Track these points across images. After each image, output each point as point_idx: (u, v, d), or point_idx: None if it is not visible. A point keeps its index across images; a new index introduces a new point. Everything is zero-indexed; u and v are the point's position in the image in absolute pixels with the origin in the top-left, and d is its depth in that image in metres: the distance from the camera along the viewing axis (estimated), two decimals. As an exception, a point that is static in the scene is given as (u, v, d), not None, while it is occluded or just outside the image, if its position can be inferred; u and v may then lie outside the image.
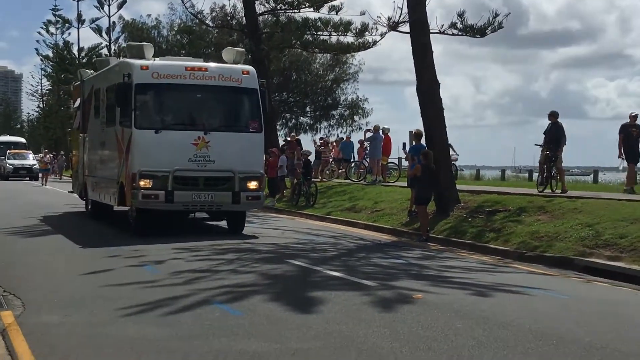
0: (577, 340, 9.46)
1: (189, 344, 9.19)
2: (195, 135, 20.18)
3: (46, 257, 16.85)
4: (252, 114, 21.43)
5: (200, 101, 21.55)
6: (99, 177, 24.46)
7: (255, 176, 20.80)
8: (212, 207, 20.61)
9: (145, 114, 20.53)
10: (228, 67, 21.45)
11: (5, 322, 10.45)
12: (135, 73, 20.16)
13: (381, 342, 9.29)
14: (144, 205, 19.87)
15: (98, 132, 24.55)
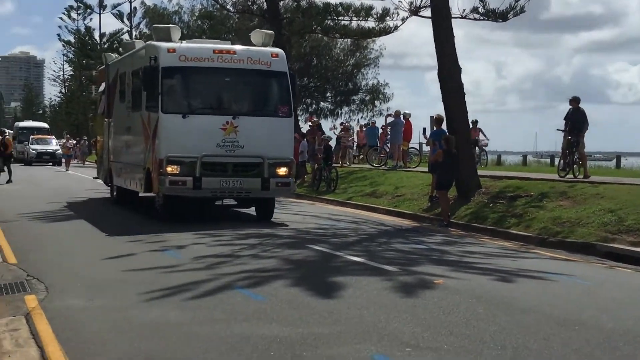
0: (599, 327, 9.43)
1: (211, 329, 9.22)
2: (223, 120, 19.52)
3: (69, 242, 16.96)
4: (282, 98, 20.73)
5: (229, 85, 20.81)
6: (125, 163, 23.81)
7: (285, 162, 20.20)
8: (240, 193, 20.07)
9: (172, 98, 19.86)
10: (257, 49, 20.75)
11: (29, 306, 10.53)
12: (162, 56, 19.48)
13: (402, 327, 9.30)
14: (171, 191, 19.34)
15: (123, 117, 23.96)
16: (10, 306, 10.66)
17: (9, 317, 10.03)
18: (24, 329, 9.41)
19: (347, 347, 8.42)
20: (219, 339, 8.72)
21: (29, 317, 9.91)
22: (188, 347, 8.44)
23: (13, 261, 14.22)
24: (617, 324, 9.55)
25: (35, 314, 10.06)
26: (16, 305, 10.66)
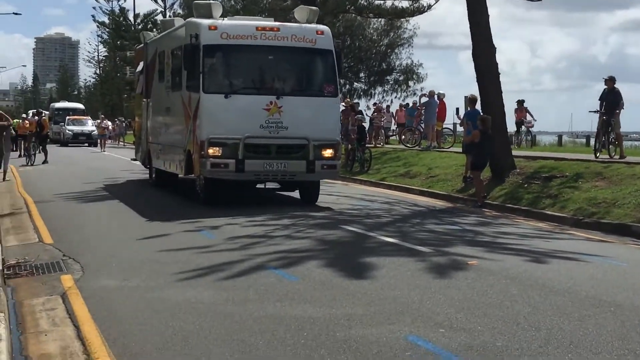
0: (635, 308, 9.37)
1: (244, 308, 9.26)
2: (267, 100, 18.60)
3: (104, 222, 17.08)
4: (327, 77, 19.71)
5: (272, 63, 19.89)
6: (164, 145, 23.00)
7: (331, 143, 19.23)
8: (285, 176, 19.18)
9: (213, 77, 19.01)
10: (301, 26, 19.69)
11: (65, 285, 10.63)
12: (203, 33, 18.58)
13: (436, 308, 9.29)
14: (213, 174, 18.51)
15: (162, 97, 23.09)
16: (47, 286, 10.78)
17: (46, 297, 10.14)
18: (60, 309, 9.51)
19: (381, 327, 8.42)
20: (252, 320, 8.76)
21: (65, 297, 10.01)
22: (222, 327, 8.48)
23: (49, 241, 14.36)
24: (652, 306, 9.49)
25: (71, 293, 10.17)
26: (52, 285, 10.78)
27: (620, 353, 7.54)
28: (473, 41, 23.53)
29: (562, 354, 7.50)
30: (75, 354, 7.70)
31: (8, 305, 9.45)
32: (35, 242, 14.51)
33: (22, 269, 11.93)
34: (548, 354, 7.49)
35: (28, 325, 8.95)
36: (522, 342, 7.90)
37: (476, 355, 7.44)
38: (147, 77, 25.37)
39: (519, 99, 34.38)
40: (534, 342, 7.89)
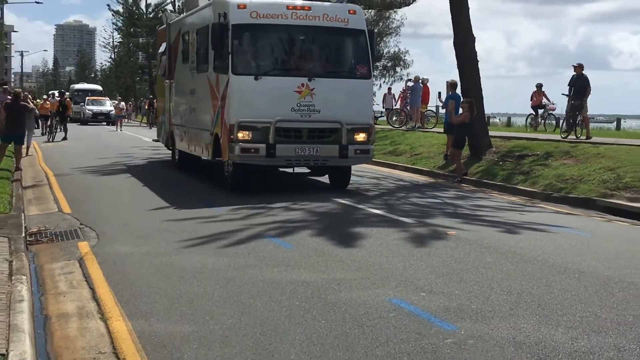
0: (596, 275, 9.42)
1: (245, 273, 9.30)
2: (298, 81, 16.32)
3: (118, 194, 17.08)
4: (360, 58, 17.41)
5: (303, 44, 17.36)
6: (189, 127, 20.69)
7: (364, 127, 16.98)
8: (317, 161, 16.78)
9: (243, 58, 16.65)
10: (333, 5, 17.59)
11: (82, 251, 10.67)
12: (232, 12, 16.27)
13: (417, 273, 9.33)
14: (242, 159, 16.26)
15: (186, 78, 20.82)
16: (65, 251, 10.81)
17: (64, 262, 10.18)
18: (77, 272, 9.55)
19: (367, 291, 8.47)
20: (251, 283, 8.80)
21: (82, 262, 10.05)
22: (224, 290, 8.52)
23: (67, 211, 14.37)
24: (613, 273, 9.53)
25: (87, 258, 10.20)
26: (70, 251, 10.81)
27: (582, 315, 7.59)
28: (454, 31, 23.51)
29: (531, 315, 7.55)
30: (91, 314, 7.74)
31: (30, 268, 9.49)
32: (55, 211, 14.52)
33: (42, 236, 11.97)
34: (518, 315, 7.54)
35: (48, 287, 8.99)
36: (494, 304, 7.95)
37: (453, 316, 7.49)
38: (169, 59, 23.09)
39: (538, 83, 32.88)
40: (505, 305, 7.94)
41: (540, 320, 7.38)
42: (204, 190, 17.79)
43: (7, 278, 8.48)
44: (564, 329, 7.13)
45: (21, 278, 8.44)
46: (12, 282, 8.27)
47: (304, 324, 7.22)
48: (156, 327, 7.16)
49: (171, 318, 7.48)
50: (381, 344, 6.65)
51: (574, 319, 7.44)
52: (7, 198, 14.68)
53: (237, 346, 6.62)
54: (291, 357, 6.34)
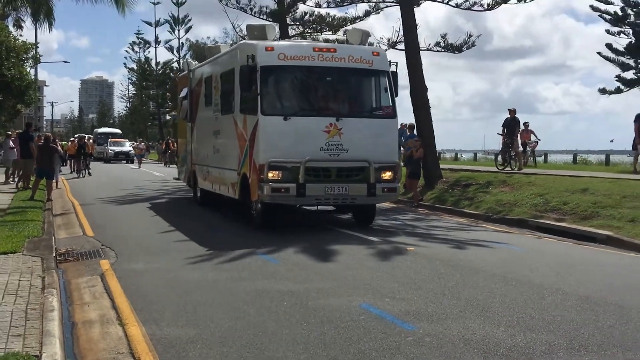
0: (530, 283, 9.45)
1: (239, 285, 9.25)
2: (326, 121, 14.17)
3: (133, 220, 16.98)
4: (385, 98, 15.22)
5: (331, 84, 15.27)
6: (213, 167, 18.14)
7: (390, 166, 14.70)
8: (346, 200, 14.47)
9: (271, 99, 14.48)
10: (358, 47, 15.50)
11: (103, 268, 10.59)
12: (260, 54, 14.20)
13: (382, 283, 9.32)
14: (273, 199, 13.93)
15: (210, 120, 18.34)
16: (89, 268, 10.72)
17: (88, 277, 10.09)
18: (99, 285, 9.47)
19: (342, 298, 8.45)
20: (245, 292, 8.76)
21: (103, 277, 9.97)
22: (222, 298, 8.48)
23: (91, 234, 14.27)
24: (543, 281, 9.57)
25: (107, 274, 10.12)
26: (93, 268, 10.72)
27: (519, 316, 7.61)
28: (410, 83, 23.69)
29: (476, 317, 7.56)
30: (111, 320, 7.68)
31: (59, 283, 9.40)
32: (80, 235, 14.41)
33: (70, 255, 11.87)
34: (466, 317, 7.55)
35: (74, 298, 8.91)
36: (446, 308, 7.95)
37: (412, 318, 7.48)
38: (191, 102, 20.90)
39: (525, 122, 29.57)
40: (455, 308, 7.94)
41: (484, 321, 7.39)
42: (206, 217, 17.69)
43: (40, 291, 8.41)
44: (504, 327, 7.14)
45: (52, 291, 8.38)
46: (45, 294, 8.21)
47: (289, 326, 7.19)
48: (166, 331, 7.11)
49: (178, 323, 7.43)
50: (353, 342, 6.63)
51: (512, 319, 7.46)
52: (40, 224, 14.57)
53: (233, 346, 6.58)
54: (279, 354, 6.31)
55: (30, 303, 7.78)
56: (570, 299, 8.41)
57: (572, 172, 22.19)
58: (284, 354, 6.31)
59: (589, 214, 15.64)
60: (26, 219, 15.01)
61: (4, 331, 6.64)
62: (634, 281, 9.62)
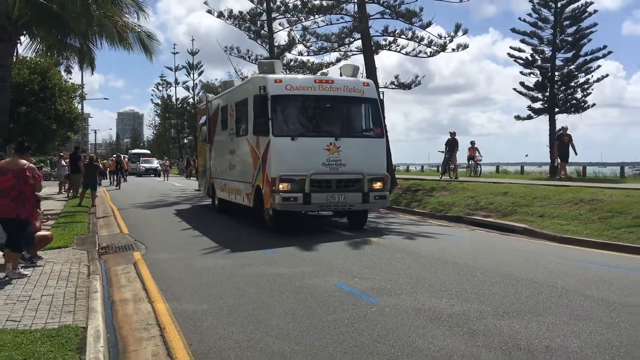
0: (466, 264, 9.49)
1: (242, 269, 9.20)
2: (327, 141, 13.55)
3: (159, 220, 16.84)
4: (375, 121, 14.48)
5: (329, 110, 14.50)
6: (229, 180, 17.17)
7: (381, 177, 13.90)
8: (344, 207, 13.59)
9: (281, 122, 13.66)
10: (350, 79, 14.75)
11: (136, 258, 10.50)
12: (270, 85, 13.61)
13: (353, 267, 9.31)
14: (283, 207, 13.15)
15: (226, 141, 17.50)
16: (124, 258, 10.62)
17: (124, 265, 10.00)
18: (133, 272, 9.38)
19: (321, 279, 8.43)
20: (247, 275, 8.71)
21: (136, 265, 9.88)
22: (229, 280, 8.42)
23: (126, 232, 14.15)
24: (475, 262, 9.61)
25: (139, 263, 10.03)
26: (128, 258, 10.62)
27: (457, 290, 7.63)
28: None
29: (424, 291, 7.56)
30: (142, 298, 7.60)
31: (101, 270, 9.31)
32: (118, 233, 14.27)
33: (110, 249, 11.76)
34: (416, 292, 7.55)
35: (113, 282, 8.82)
36: (402, 285, 7.96)
37: (375, 293, 7.48)
38: (209, 127, 19.85)
39: (472, 140, 29.67)
40: (408, 285, 7.95)
41: (430, 295, 7.40)
42: (219, 220, 17.59)
43: (86, 277, 8.32)
44: (446, 299, 7.15)
45: (95, 277, 8.30)
46: (90, 279, 8.12)
47: (280, 301, 7.15)
48: (185, 306, 7.05)
49: (194, 300, 7.36)
50: (330, 312, 6.61)
51: (452, 293, 7.48)
52: (86, 225, 14.43)
53: (237, 317, 6.53)
54: (273, 323, 6.27)
55: (78, 286, 7.69)
56: (496, 276, 8.46)
57: (495, 180, 22.36)
58: (277, 323, 6.27)
59: (509, 211, 15.75)
60: (75, 221, 14.86)
61: (58, 308, 6.56)
62: (543, 262, 9.68)
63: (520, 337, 5.65)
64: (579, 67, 29.07)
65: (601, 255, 10.75)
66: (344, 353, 5.30)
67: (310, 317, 6.44)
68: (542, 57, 29.78)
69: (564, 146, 22.29)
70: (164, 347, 5.70)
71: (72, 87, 46.67)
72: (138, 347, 5.79)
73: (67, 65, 31.49)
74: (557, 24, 29.28)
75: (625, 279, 8.35)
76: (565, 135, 22.36)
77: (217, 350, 5.50)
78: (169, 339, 5.89)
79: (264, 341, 5.67)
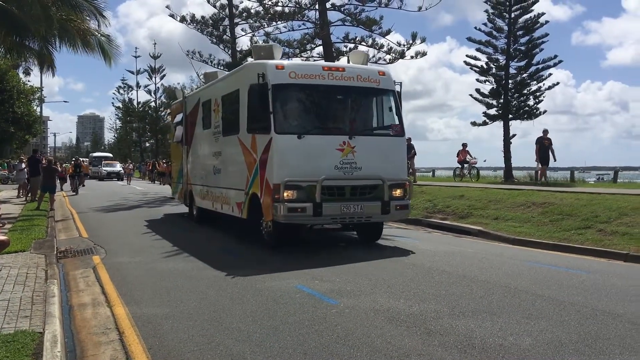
0: (423, 265, 9.57)
1: (203, 273, 9.09)
2: (339, 140, 11.01)
3: (119, 223, 16.51)
4: (393, 117, 12.02)
5: (341, 103, 12.00)
6: (213, 187, 14.56)
7: (401, 183, 11.59)
8: (361, 218, 11.14)
9: (284, 117, 11.05)
10: (365, 67, 12.20)
11: (95, 262, 10.27)
12: (271, 73, 10.97)
13: (312, 269, 9.27)
14: (289, 219, 10.62)
15: (208, 142, 14.91)
16: (83, 262, 10.37)
17: (83, 269, 9.77)
18: (92, 276, 9.17)
19: (282, 281, 8.39)
20: (207, 278, 8.62)
21: (95, 269, 9.66)
22: (190, 283, 8.31)
23: (85, 236, 13.83)
24: (432, 264, 9.70)
25: (98, 267, 9.82)
26: (87, 262, 10.38)
27: (415, 291, 7.69)
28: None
29: (383, 293, 7.60)
30: (101, 303, 7.44)
31: (59, 274, 9.08)
32: (77, 236, 13.94)
33: (68, 253, 11.47)
34: (375, 293, 7.58)
35: (71, 286, 8.60)
36: (361, 286, 7.98)
37: (335, 295, 7.48)
38: (186, 126, 17.12)
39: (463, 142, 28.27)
40: (367, 287, 7.97)
41: (389, 296, 7.45)
42: (180, 223, 17.36)
43: (43, 281, 8.10)
44: (404, 300, 7.21)
45: (53, 281, 8.08)
46: (47, 284, 7.90)
47: (241, 304, 7.09)
48: (145, 310, 6.92)
49: (154, 304, 7.24)
50: (291, 314, 6.59)
51: (410, 294, 7.54)
52: (44, 228, 14.06)
53: (198, 320, 6.45)
54: (233, 326, 6.21)
55: (35, 291, 7.47)
56: (452, 277, 8.57)
57: (452, 184, 22.68)
58: (237, 325, 6.21)
59: (465, 214, 16.00)
60: (33, 225, 14.47)
61: (15, 313, 6.37)
62: (497, 263, 9.86)
63: (475, 336, 5.73)
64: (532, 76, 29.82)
65: (552, 256, 11.02)
66: (304, 354, 5.28)
67: (271, 319, 6.40)
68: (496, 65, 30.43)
69: (544, 149, 21.96)
70: (123, 351, 5.59)
71: (31, 90, 45.49)
72: (96, 352, 5.66)
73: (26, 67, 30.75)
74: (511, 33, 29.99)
75: (574, 279, 8.57)
76: (546, 138, 22.06)
77: (177, 353, 5.42)
78: (128, 343, 5.78)
79: (225, 344, 5.62)
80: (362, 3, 25.06)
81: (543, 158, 22.06)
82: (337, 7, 25.74)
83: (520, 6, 29.74)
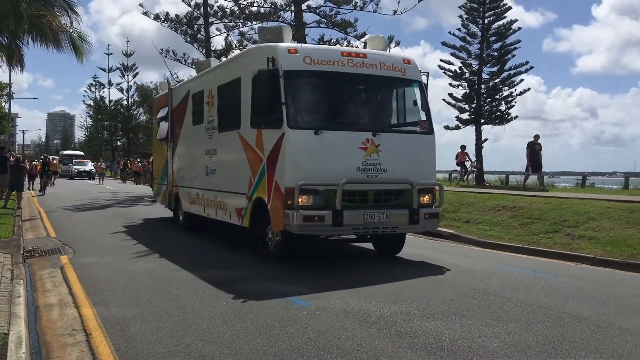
0: (394, 268, 9.62)
1: (174, 274, 9.01)
2: (362, 137, 9.39)
3: (88, 223, 16.26)
4: (420, 112, 10.28)
5: (362, 94, 10.41)
6: (205, 190, 12.73)
7: (431, 187, 10.01)
8: (386, 229, 9.48)
9: (299, 109, 9.34)
10: (388, 54, 10.59)
11: (63, 262, 10.09)
12: (282, 57, 9.24)
13: (286, 272, 9.26)
14: (303, 229, 9.02)
15: (200, 139, 13.00)
16: (51, 262, 10.18)
17: (50, 269, 9.59)
18: (59, 276, 9.01)
19: (254, 283, 8.36)
20: (178, 279, 8.54)
21: (62, 269, 9.49)
22: (159, 285, 8.22)
23: (53, 235, 13.59)
24: (403, 266, 9.76)
25: (66, 267, 9.65)
26: (54, 262, 10.19)
27: (385, 293, 7.71)
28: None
29: (355, 294, 7.60)
30: (68, 304, 7.30)
31: (26, 274, 8.90)
32: (44, 236, 13.68)
33: (35, 252, 11.24)
34: (346, 295, 7.58)
35: (38, 286, 8.43)
36: (332, 289, 7.99)
37: (307, 297, 7.47)
38: (172, 122, 15.25)
39: (462, 145, 27.40)
40: (339, 288, 7.98)
41: (360, 297, 7.47)
42: (151, 223, 17.16)
43: (9, 281, 7.94)
44: (375, 302, 7.24)
45: (20, 281, 7.94)
46: (13, 284, 7.76)
47: (212, 305, 7.05)
48: (113, 311, 6.82)
49: (123, 305, 7.14)
50: (263, 316, 6.56)
51: (380, 296, 7.57)
52: (11, 227, 13.79)
53: (167, 321, 6.38)
54: (203, 327, 6.16)
55: (0, 291, 7.31)
56: (423, 280, 8.64)
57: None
58: (207, 327, 6.17)
59: (437, 217, 16.11)
60: (-1, 224, 14.16)
61: (-23, 314, 6.21)
62: (467, 265, 9.97)
63: (444, 338, 5.79)
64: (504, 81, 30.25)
65: (521, 259, 11.18)
66: (274, 356, 5.27)
67: (241, 321, 6.37)
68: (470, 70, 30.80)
69: (534, 154, 21.36)
70: (90, 353, 5.50)
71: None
72: (62, 354, 5.55)
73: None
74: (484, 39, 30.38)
75: (542, 281, 8.72)
76: (537, 143, 21.59)
77: (145, 355, 5.35)
78: (95, 344, 5.69)
79: (194, 346, 5.57)
80: (338, 5, 25.18)
81: (535, 163, 21.37)
82: (313, 9, 25.82)
83: (494, 12, 30.17)
